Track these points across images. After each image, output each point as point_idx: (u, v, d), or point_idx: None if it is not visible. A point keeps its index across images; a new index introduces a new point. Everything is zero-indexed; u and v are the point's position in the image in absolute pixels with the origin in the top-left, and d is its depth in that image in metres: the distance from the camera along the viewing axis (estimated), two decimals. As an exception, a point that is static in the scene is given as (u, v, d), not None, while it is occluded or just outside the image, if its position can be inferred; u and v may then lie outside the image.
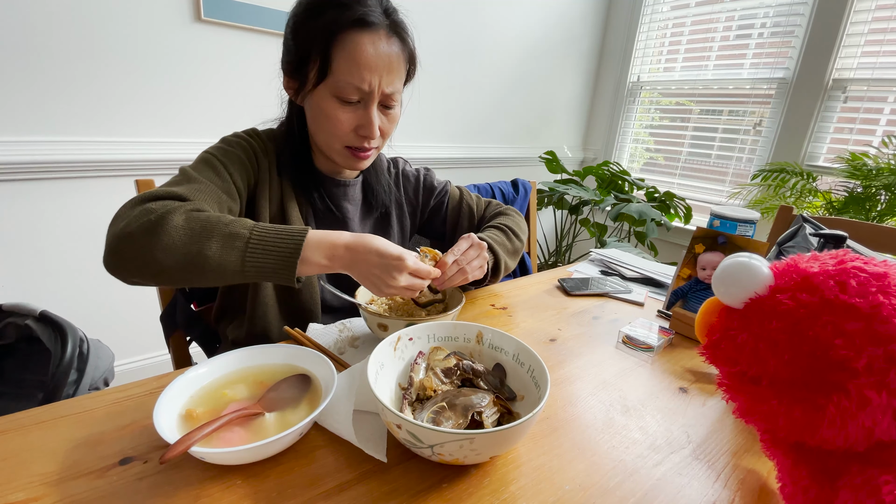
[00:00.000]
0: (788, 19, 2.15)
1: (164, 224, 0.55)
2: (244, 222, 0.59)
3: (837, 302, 0.27)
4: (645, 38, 2.71)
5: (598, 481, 0.47)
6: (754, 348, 0.30)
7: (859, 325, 0.26)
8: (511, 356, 0.58)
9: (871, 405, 0.25)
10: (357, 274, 0.61)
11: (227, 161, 0.71)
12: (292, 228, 0.59)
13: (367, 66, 0.67)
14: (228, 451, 0.42)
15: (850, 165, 1.84)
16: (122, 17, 1.36)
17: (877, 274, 0.28)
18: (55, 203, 1.39)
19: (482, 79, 2.34)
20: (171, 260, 0.55)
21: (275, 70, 0.78)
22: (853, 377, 0.26)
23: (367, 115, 0.71)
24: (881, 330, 0.26)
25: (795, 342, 0.28)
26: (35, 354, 1.04)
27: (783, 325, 0.28)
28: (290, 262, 0.57)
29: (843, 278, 0.28)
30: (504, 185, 1.34)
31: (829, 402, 0.26)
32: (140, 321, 1.62)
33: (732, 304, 0.32)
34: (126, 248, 0.56)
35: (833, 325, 0.27)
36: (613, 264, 1.17)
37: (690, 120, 2.59)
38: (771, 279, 0.30)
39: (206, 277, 0.57)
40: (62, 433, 0.48)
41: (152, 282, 0.58)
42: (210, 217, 0.58)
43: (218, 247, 0.56)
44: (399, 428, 0.43)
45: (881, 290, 0.27)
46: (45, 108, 1.32)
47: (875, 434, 0.26)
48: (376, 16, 0.67)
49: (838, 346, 0.26)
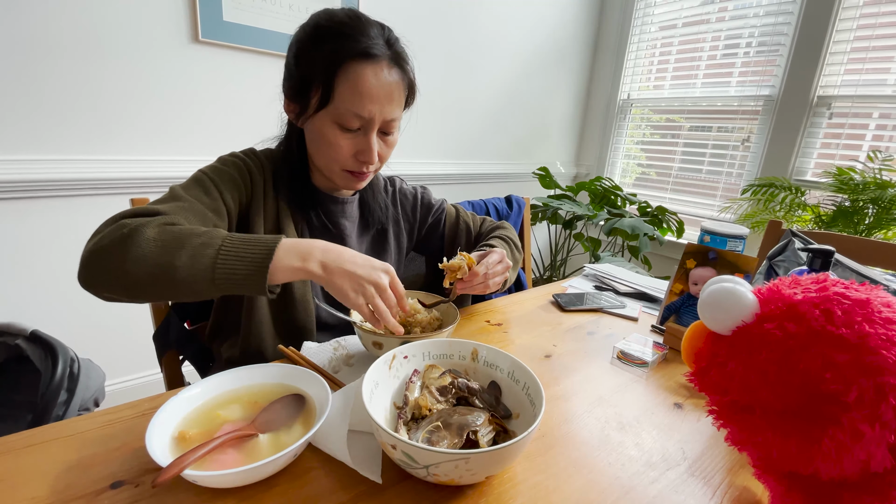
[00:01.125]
0: (773, 38, 2.21)
1: (135, 236, 0.55)
2: (217, 233, 0.58)
3: (825, 333, 0.27)
4: (634, 56, 2.77)
5: (595, 499, 0.47)
6: (744, 378, 0.29)
7: (848, 356, 0.26)
8: (506, 373, 0.59)
9: (864, 438, 0.25)
10: (334, 272, 0.59)
11: (218, 179, 0.72)
12: (265, 237, 0.59)
13: (369, 96, 0.68)
14: (221, 474, 0.42)
15: (837, 180, 1.87)
16: (119, 37, 1.38)
17: (860, 301, 0.28)
18: (48, 221, 1.39)
19: (475, 96, 2.38)
20: (141, 272, 0.55)
21: (271, 90, 0.79)
22: (845, 410, 0.25)
23: (367, 142, 0.72)
24: (870, 361, 0.26)
25: (786, 374, 0.27)
26: (25, 375, 1.03)
27: (773, 357, 0.28)
28: (260, 268, 0.56)
29: (828, 307, 0.28)
30: (498, 201, 1.36)
31: (825, 434, 0.26)
32: (132, 340, 1.60)
33: (719, 330, 0.31)
34: (97, 261, 0.56)
35: (822, 358, 0.26)
36: (607, 279, 1.18)
37: (680, 136, 2.64)
38: (757, 306, 0.30)
39: (178, 289, 0.56)
40: (53, 456, 0.47)
41: (125, 296, 0.58)
42: (183, 229, 0.58)
43: (188, 257, 0.55)
44: (394, 448, 0.43)
45: (866, 319, 0.27)
46: (41, 126, 1.33)
47: (870, 466, 0.26)
48: (379, 48, 0.69)
49: (829, 379, 0.26)
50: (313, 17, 0.72)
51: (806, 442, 0.27)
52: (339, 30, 0.68)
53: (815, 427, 0.26)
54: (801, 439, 0.27)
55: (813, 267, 0.72)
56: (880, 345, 0.26)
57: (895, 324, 0.27)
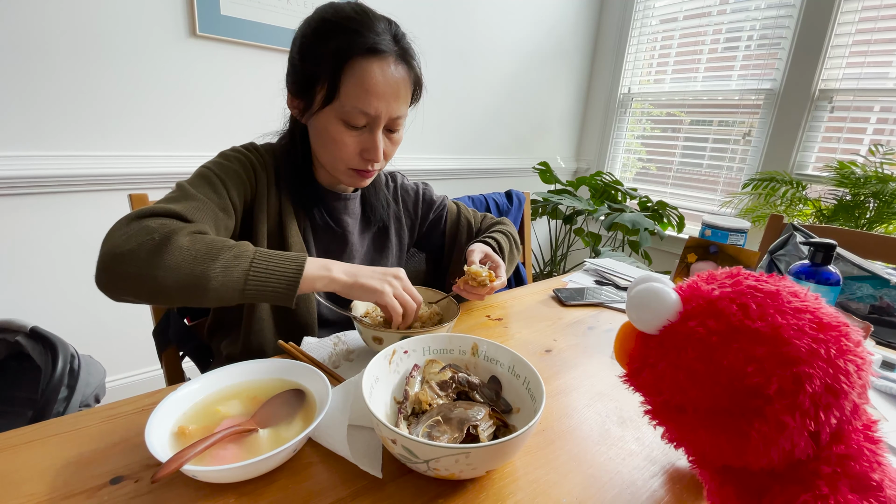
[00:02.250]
0: (774, 31, 2.19)
1: (169, 244, 0.56)
2: (247, 246, 0.61)
3: (743, 327, 0.28)
4: (635, 50, 2.76)
5: (596, 494, 0.46)
6: (674, 378, 0.30)
7: (765, 349, 0.27)
8: (506, 368, 0.58)
9: (788, 429, 0.26)
10: (358, 275, 0.64)
11: (224, 176, 0.71)
12: (291, 253, 0.62)
13: (376, 93, 0.67)
14: (221, 469, 0.41)
15: (839, 174, 1.86)
16: (116, 32, 1.37)
17: (771, 293, 0.28)
18: (47, 218, 1.39)
19: (476, 91, 2.37)
20: (172, 279, 0.55)
21: (270, 85, 0.79)
22: (768, 403, 0.26)
23: (373, 140, 0.71)
24: (785, 352, 0.26)
25: (712, 371, 0.28)
26: (25, 371, 1.03)
27: (699, 355, 0.29)
28: (292, 283, 0.59)
29: (743, 301, 0.29)
30: (498, 196, 1.35)
31: (752, 429, 0.26)
32: (132, 336, 1.60)
33: (647, 330, 0.32)
34: (124, 266, 0.55)
35: (743, 352, 0.27)
36: (608, 274, 1.18)
37: (681, 130, 2.63)
38: (680, 304, 0.31)
39: (206, 297, 0.57)
40: (52, 452, 0.47)
41: (146, 300, 0.58)
42: (215, 240, 0.60)
43: (221, 269, 0.57)
44: (394, 443, 0.43)
45: (778, 311, 0.28)
46: (38, 122, 1.32)
47: (794, 454, 0.27)
48: (386, 43, 0.67)
49: (750, 373, 0.27)
50: (318, 11, 0.70)
51: (735, 437, 0.27)
52: (345, 25, 0.67)
53: (742, 422, 0.27)
54: (730, 435, 0.28)
55: (814, 261, 0.72)
56: (793, 335, 0.26)
57: (804, 313, 0.27)
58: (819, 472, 0.27)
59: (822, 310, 0.28)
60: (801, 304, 0.28)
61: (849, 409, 0.26)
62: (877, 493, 0.26)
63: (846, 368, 0.26)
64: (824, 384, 0.26)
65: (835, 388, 0.26)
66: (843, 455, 0.27)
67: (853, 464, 0.27)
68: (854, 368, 0.26)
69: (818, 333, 0.27)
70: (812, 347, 0.26)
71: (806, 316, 0.27)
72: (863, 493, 0.26)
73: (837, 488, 0.26)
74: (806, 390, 0.26)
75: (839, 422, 0.26)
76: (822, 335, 0.27)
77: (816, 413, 0.26)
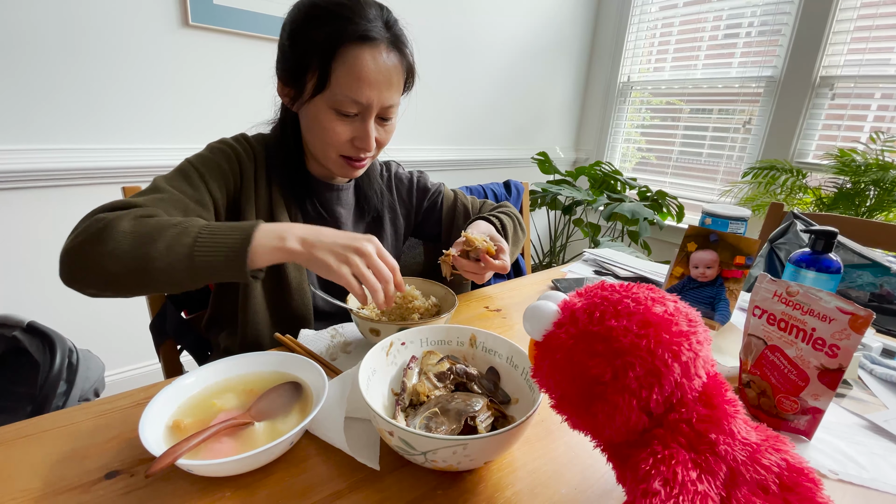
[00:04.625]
0: (775, 18, 2.17)
1: (109, 230, 0.54)
2: (194, 221, 0.57)
3: (588, 331, 0.36)
4: (634, 38, 2.73)
5: (595, 484, 0.46)
6: (552, 374, 0.38)
7: (602, 346, 0.35)
8: (505, 359, 0.58)
9: (619, 405, 0.34)
10: (314, 245, 0.57)
11: (203, 169, 0.70)
12: (244, 223, 0.57)
13: (368, 81, 0.66)
14: (216, 463, 0.41)
15: (839, 162, 1.85)
16: (106, 22, 1.35)
17: (614, 300, 0.36)
18: (41, 212, 1.38)
19: (474, 81, 2.34)
20: (117, 266, 0.54)
21: (264, 76, 0.77)
22: (605, 388, 0.34)
23: (364, 128, 0.70)
24: (616, 346, 0.34)
25: (571, 367, 0.36)
26: (23, 366, 1.02)
27: (563, 355, 0.37)
28: (239, 253, 0.54)
29: (591, 310, 0.37)
30: (497, 186, 1.34)
31: (597, 410, 0.35)
32: (130, 330, 1.60)
33: (535, 338, 0.40)
34: (74, 258, 0.55)
35: (589, 350, 0.35)
36: (607, 264, 1.17)
37: (681, 119, 2.61)
38: (556, 315, 0.39)
39: (157, 281, 0.55)
40: (47, 447, 0.47)
41: (108, 291, 0.57)
42: (159, 220, 0.57)
43: (164, 247, 0.54)
44: (391, 435, 0.43)
45: (614, 315, 0.35)
46: (29, 115, 1.30)
47: (632, 424, 0.34)
48: (378, 30, 0.66)
49: (592, 365, 0.35)
50: None
51: (589, 417, 0.36)
52: (336, 11, 0.65)
53: (591, 404, 0.35)
54: (586, 416, 0.36)
55: (815, 249, 0.71)
56: (621, 334, 0.34)
57: (635, 315, 0.35)
58: (656, 434, 0.34)
59: (655, 309, 0.35)
60: (635, 308, 0.35)
61: (672, 385, 0.33)
62: (711, 446, 0.32)
63: (662, 356, 0.33)
64: (645, 369, 0.33)
65: (654, 371, 0.33)
66: (676, 419, 0.34)
67: (684, 426, 0.33)
68: (670, 355, 0.33)
69: (641, 330, 0.34)
70: (634, 342, 0.34)
71: (636, 317, 0.35)
72: (695, 447, 0.33)
73: (669, 445, 0.33)
74: (629, 375, 0.33)
75: (668, 395, 0.34)
76: (643, 331, 0.34)
77: (640, 391, 0.33)
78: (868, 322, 0.47)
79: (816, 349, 0.50)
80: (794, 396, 0.53)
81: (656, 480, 0.31)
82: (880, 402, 0.64)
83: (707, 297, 0.81)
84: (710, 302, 0.80)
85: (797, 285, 0.52)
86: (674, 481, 0.30)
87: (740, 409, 0.36)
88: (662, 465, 0.32)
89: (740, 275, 0.77)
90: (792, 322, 0.52)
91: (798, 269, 0.72)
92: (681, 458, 0.32)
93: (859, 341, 0.48)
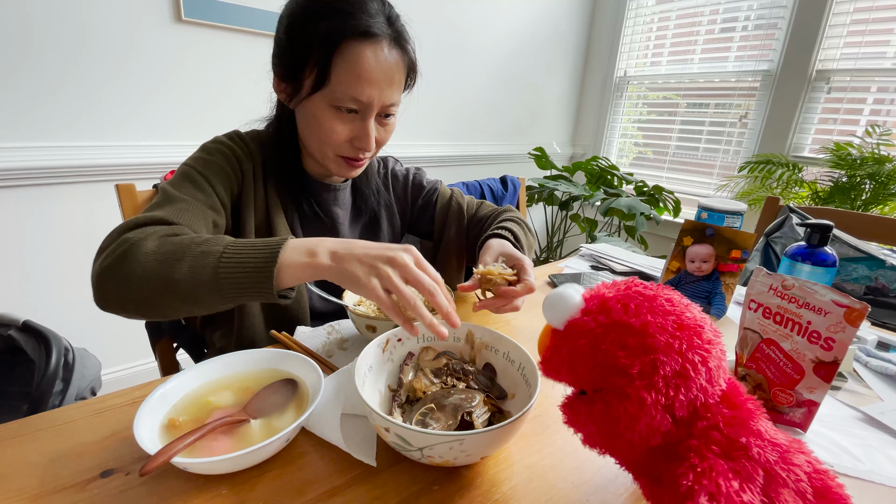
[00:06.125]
0: (772, 11, 2.16)
1: (135, 252, 0.52)
2: (220, 239, 0.54)
3: (621, 321, 0.35)
4: (631, 32, 2.72)
5: (591, 478, 0.46)
6: (570, 358, 0.37)
7: (635, 339, 0.34)
8: (501, 354, 0.58)
9: (646, 404, 0.33)
10: (344, 259, 0.51)
11: (207, 172, 0.68)
12: (270, 239, 0.53)
13: (368, 79, 0.64)
14: (212, 461, 0.41)
15: (835, 155, 1.86)
16: (99, 19, 1.34)
17: (649, 297, 0.36)
18: (35, 210, 1.37)
19: (470, 77, 2.33)
20: (145, 289, 0.52)
21: (259, 71, 0.75)
22: (631, 381, 0.33)
23: (364, 128, 0.68)
24: (649, 342, 0.34)
25: (595, 353, 0.36)
26: (19, 365, 1.02)
27: (588, 341, 0.36)
28: (265, 272, 0.50)
29: (626, 301, 0.36)
30: (493, 182, 1.34)
31: (621, 406, 0.34)
32: (126, 328, 1.59)
33: (556, 326, 0.39)
34: (105, 283, 0.53)
35: (619, 340, 0.35)
36: (603, 259, 1.17)
37: (677, 114, 2.61)
38: (582, 304, 0.38)
39: (186, 303, 0.52)
40: (42, 446, 0.47)
41: (142, 315, 0.55)
42: (183, 239, 0.54)
43: (188, 268, 0.51)
44: (387, 431, 0.42)
45: (650, 311, 0.35)
46: (22, 112, 1.29)
47: (655, 426, 0.33)
48: (379, 26, 0.64)
49: (621, 356, 0.34)
50: None
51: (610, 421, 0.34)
52: (336, 5, 0.63)
53: (614, 399, 0.34)
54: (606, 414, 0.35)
55: (811, 242, 0.71)
56: (656, 330, 0.34)
57: (670, 314, 0.35)
58: (690, 446, 0.33)
59: (686, 314, 0.35)
60: (670, 308, 0.35)
61: (697, 390, 0.33)
62: (744, 451, 0.32)
63: (693, 359, 0.33)
64: (674, 370, 0.33)
65: (683, 373, 0.33)
66: (705, 427, 0.34)
67: (714, 433, 0.33)
68: (699, 359, 0.33)
69: (676, 331, 0.34)
70: (668, 342, 0.33)
71: (671, 318, 0.35)
72: (730, 454, 0.32)
73: (706, 456, 0.32)
74: (659, 373, 0.33)
75: (693, 400, 0.34)
76: (678, 333, 0.34)
77: (667, 391, 0.33)
78: (863, 315, 0.47)
79: (812, 342, 0.50)
80: (789, 389, 0.53)
81: (701, 496, 0.30)
82: (875, 394, 0.64)
83: (703, 291, 0.81)
84: (707, 296, 0.81)
85: (793, 279, 0.52)
86: (718, 494, 0.30)
87: (762, 408, 0.35)
88: (704, 478, 0.31)
89: (736, 269, 0.77)
90: (787, 315, 0.52)
91: (794, 262, 0.72)
92: (720, 469, 0.31)
93: (854, 334, 0.48)
